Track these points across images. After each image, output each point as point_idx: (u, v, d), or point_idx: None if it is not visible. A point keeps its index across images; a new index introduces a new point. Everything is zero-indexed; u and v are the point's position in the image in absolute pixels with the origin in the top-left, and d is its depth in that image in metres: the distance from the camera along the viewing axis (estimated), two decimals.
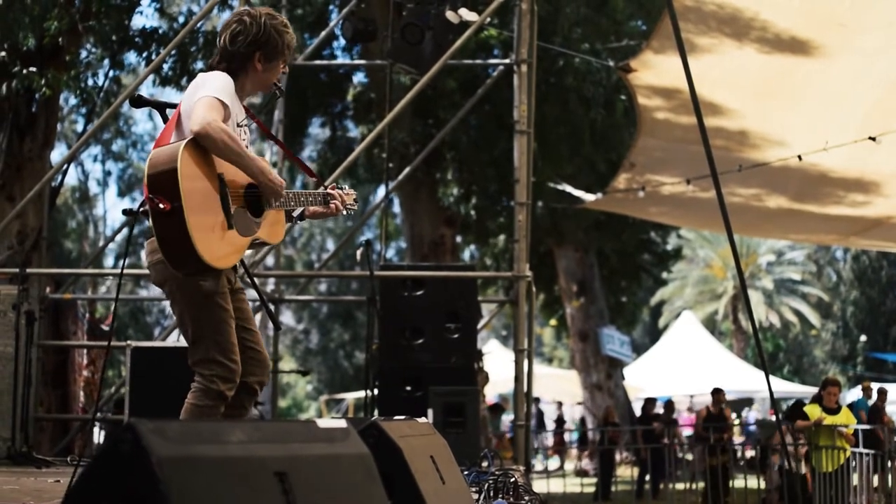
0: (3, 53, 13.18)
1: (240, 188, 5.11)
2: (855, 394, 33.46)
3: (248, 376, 5.28)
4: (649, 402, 22.30)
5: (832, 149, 12.68)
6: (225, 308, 5.13)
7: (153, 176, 4.79)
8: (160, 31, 15.18)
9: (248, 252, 5.89)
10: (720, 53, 12.29)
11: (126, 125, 38.64)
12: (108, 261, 38.00)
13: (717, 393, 17.87)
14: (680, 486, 17.64)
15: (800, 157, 13.24)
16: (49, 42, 12.74)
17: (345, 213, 5.80)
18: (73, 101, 22.94)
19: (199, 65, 15.40)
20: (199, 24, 14.43)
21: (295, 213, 5.65)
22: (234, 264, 5.17)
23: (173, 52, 13.84)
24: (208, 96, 4.98)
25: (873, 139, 12.39)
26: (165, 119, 5.41)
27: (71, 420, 13.16)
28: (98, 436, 14.88)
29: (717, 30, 11.98)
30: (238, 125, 5.22)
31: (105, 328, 14.77)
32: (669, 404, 22.09)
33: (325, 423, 3.53)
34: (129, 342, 10.08)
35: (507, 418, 30.51)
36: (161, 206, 4.67)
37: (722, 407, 17.84)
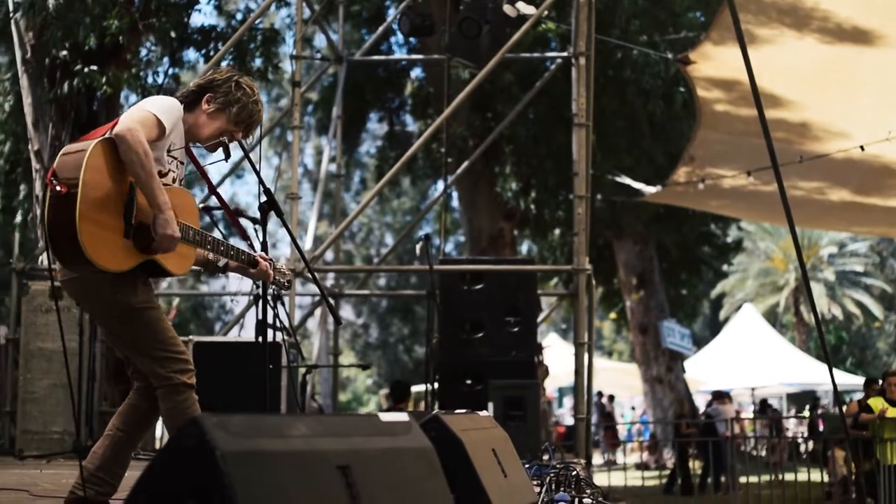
0: (65, 52, 13.30)
1: (149, 208, 4.95)
2: None
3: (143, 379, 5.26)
4: (717, 396, 22.14)
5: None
6: (152, 307, 5.07)
7: (60, 161, 4.72)
8: (218, 29, 15.28)
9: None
10: (780, 44, 12.18)
11: None
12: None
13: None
14: (742, 479, 17.51)
15: (862, 148, 13.08)
16: (109, 41, 12.86)
17: (272, 284, 5.78)
18: (133, 98, 23.13)
19: (258, 62, 15.49)
20: (256, 22, 14.50)
21: (220, 263, 5.60)
22: (121, 270, 4.89)
23: (232, 49, 13.93)
24: (147, 111, 4.94)
25: None
26: None
27: None
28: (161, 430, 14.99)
29: (776, 20, 11.87)
30: (169, 153, 5.14)
31: None
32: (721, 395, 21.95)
33: (388, 416, 3.54)
34: (190, 337, 10.18)
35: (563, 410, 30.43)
36: (58, 188, 4.61)
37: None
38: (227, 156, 5.44)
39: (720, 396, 21.83)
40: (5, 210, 18.02)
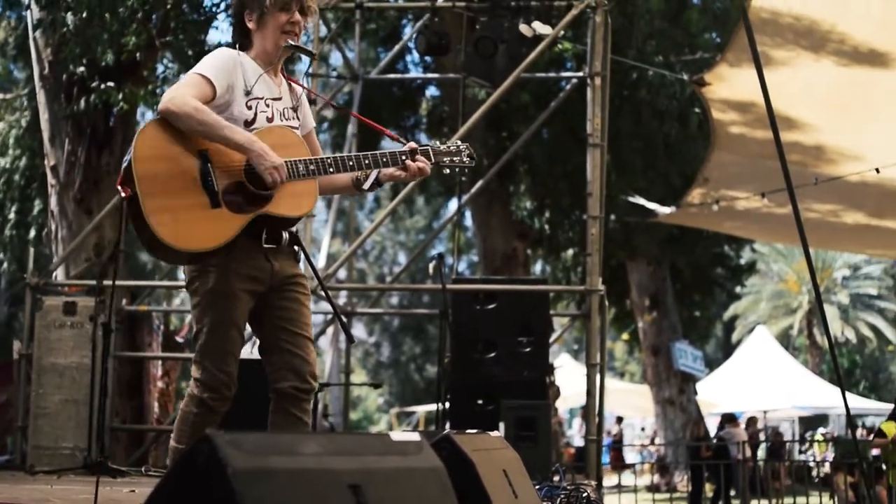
0: (82, 69, 13.37)
1: (237, 163, 4.74)
2: None
3: (281, 381, 4.93)
4: (727, 419, 22.10)
5: None
6: (226, 311, 4.83)
7: (125, 166, 4.62)
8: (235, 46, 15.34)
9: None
10: (796, 66, 12.15)
11: None
12: (183, 273, 38.42)
13: None
14: (754, 502, 17.44)
15: (877, 171, 13.06)
16: (127, 57, 12.91)
17: (445, 168, 5.21)
18: (149, 115, 23.24)
19: None
20: None
21: (370, 180, 5.12)
22: (222, 243, 4.69)
23: None
24: (190, 74, 4.78)
25: None
26: None
27: (146, 430, 13.29)
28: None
29: (793, 42, 11.84)
30: (255, 97, 4.89)
31: (179, 340, 14.93)
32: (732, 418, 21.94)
33: (399, 436, 3.53)
34: None
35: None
36: (123, 194, 4.52)
37: None
38: (311, 54, 5.16)
39: (732, 419, 21.78)
40: (20, 225, 18.12)
